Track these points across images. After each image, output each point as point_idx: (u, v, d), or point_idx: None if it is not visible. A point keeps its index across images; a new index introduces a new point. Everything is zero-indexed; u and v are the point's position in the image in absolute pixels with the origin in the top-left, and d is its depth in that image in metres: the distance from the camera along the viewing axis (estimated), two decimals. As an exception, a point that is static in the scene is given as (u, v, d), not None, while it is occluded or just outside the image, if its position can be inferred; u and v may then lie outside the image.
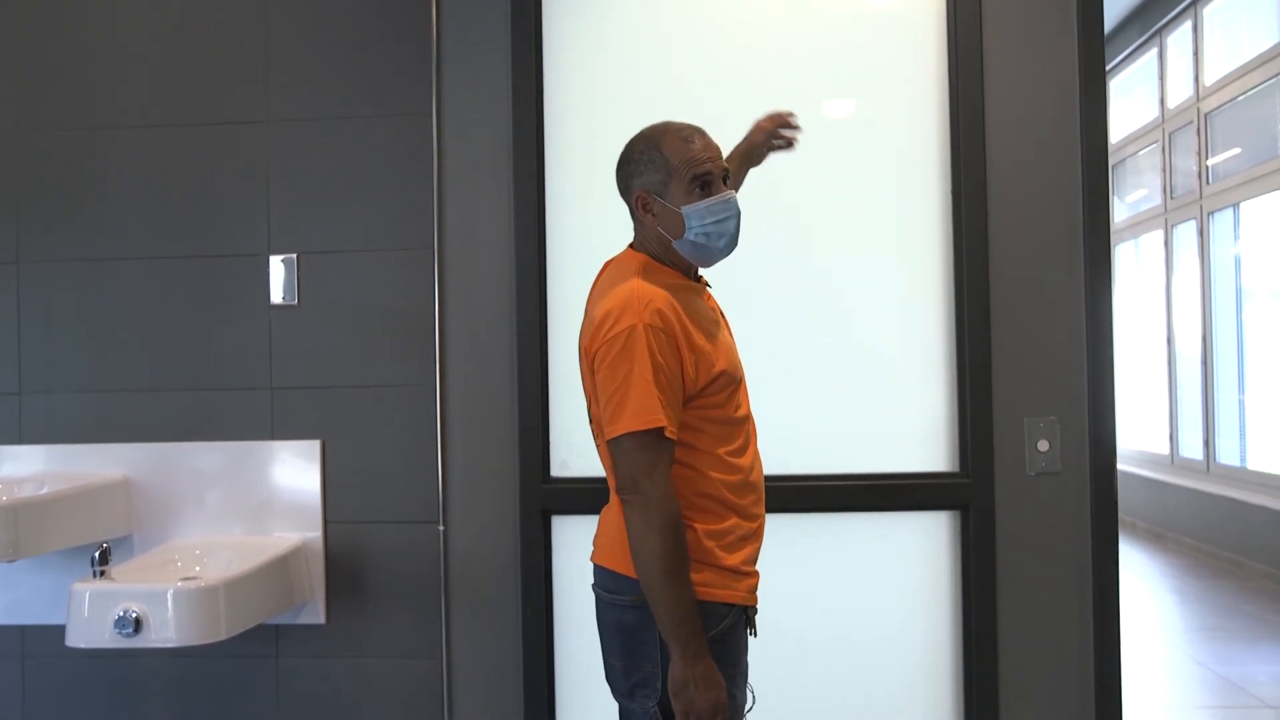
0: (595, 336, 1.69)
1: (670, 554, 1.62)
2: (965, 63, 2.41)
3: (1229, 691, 4.08)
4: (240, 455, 2.53)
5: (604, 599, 1.79)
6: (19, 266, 2.61)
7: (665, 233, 1.76)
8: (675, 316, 1.68)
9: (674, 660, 1.63)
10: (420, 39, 2.52)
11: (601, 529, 1.85)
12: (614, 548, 1.77)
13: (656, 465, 1.64)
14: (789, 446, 2.45)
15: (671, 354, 1.66)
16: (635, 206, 1.79)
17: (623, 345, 1.64)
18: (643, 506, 1.63)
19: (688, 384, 1.69)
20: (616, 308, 1.68)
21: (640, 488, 1.63)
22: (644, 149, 1.77)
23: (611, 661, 1.79)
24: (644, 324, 1.64)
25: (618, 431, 1.64)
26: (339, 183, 2.53)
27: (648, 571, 1.63)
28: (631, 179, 1.78)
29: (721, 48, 2.51)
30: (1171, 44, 7.35)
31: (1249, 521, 6.08)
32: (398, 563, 2.51)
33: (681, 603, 1.63)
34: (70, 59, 2.61)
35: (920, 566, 2.46)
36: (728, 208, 1.76)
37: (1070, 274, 2.40)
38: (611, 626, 1.78)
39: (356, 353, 2.53)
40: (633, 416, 1.63)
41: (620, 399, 1.64)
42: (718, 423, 1.75)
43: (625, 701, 1.77)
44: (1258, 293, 6.54)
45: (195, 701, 2.56)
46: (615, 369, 1.65)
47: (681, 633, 1.62)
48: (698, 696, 1.62)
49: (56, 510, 2.36)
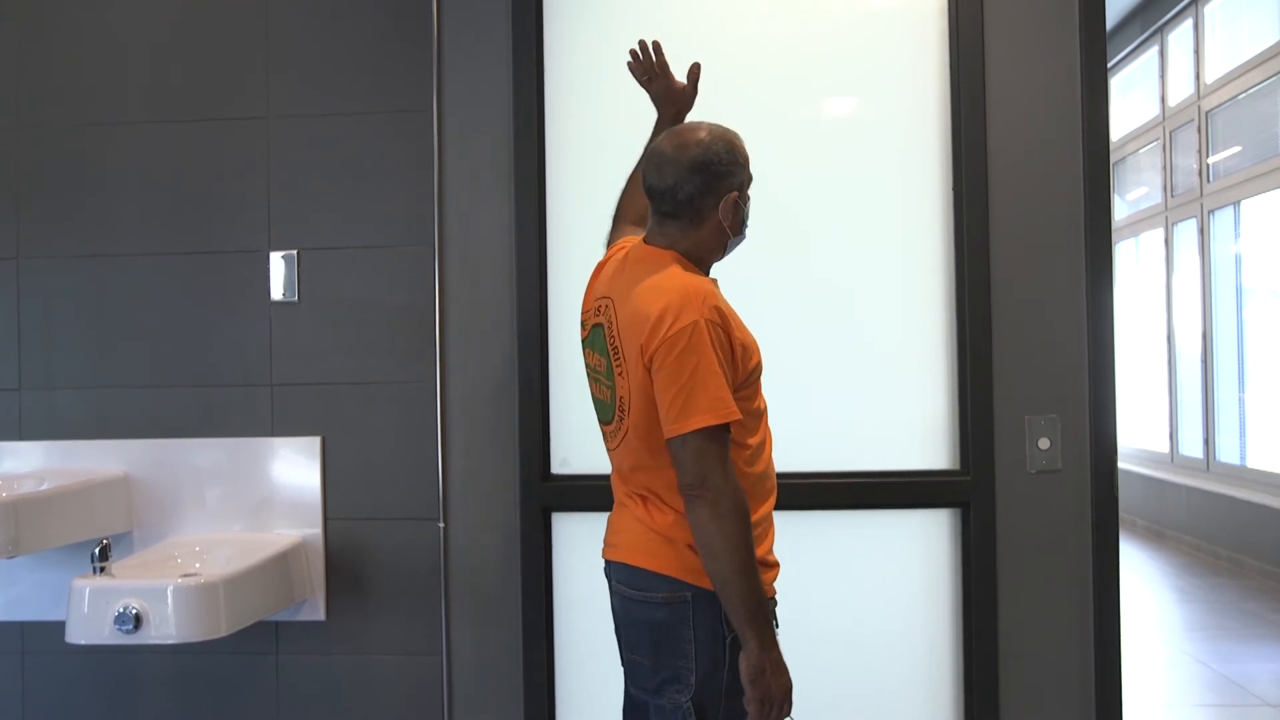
0: (655, 333, 1.67)
1: (744, 546, 1.65)
2: (967, 60, 2.40)
3: (1229, 689, 4.09)
4: (240, 452, 2.53)
5: (633, 598, 1.78)
6: (19, 263, 2.61)
7: (730, 229, 1.81)
8: (727, 309, 1.72)
9: (749, 648, 1.65)
10: (421, 35, 2.52)
11: (623, 527, 1.83)
12: (644, 546, 1.77)
13: (724, 458, 1.66)
14: (790, 443, 2.43)
15: (727, 348, 1.69)
16: (723, 207, 1.78)
17: (688, 341, 1.64)
18: (715, 501, 1.64)
19: (736, 377, 1.72)
20: (675, 303, 1.67)
21: (710, 482, 1.64)
22: (729, 152, 1.79)
23: (637, 659, 1.80)
24: (705, 320, 1.65)
25: (691, 427, 1.64)
26: (339, 179, 2.53)
27: (724, 565, 1.64)
28: (721, 181, 1.78)
29: (723, 45, 2.50)
30: (1172, 42, 7.34)
31: (1249, 520, 6.08)
32: (398, 560, 2.51)
33: (755, 592, 1.65)
34: (71, 55, 2.61)
35: (921, 564, 2.45)
36: None
37: (1071, 272, 2.40)
38: (642, 624, 1.77)
39: (357, 349, 2.52)
40: (708, 411, 1.63)
41: (689, 394, 1.64)
42: (750, 414, 1.77)
43: (651, 698, 1.78)
44: (1258, 291, 6.54)
45: (195, 698, 2.56)
46: (681, 365, 1.64)
47: (757, 622, 1.65)
48: (773, 682, 1.65)
49: (57, 507, 2.36)
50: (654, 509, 1.76)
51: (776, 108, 2.49)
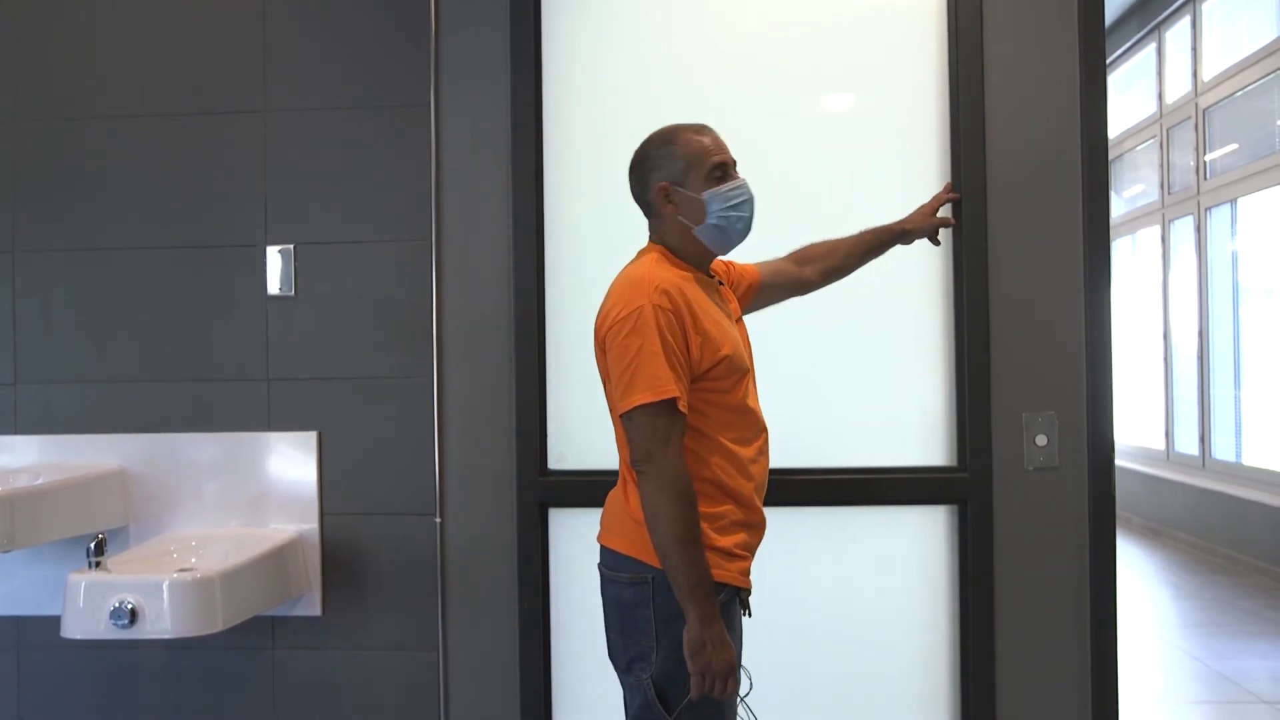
0: (605, 319, 1.78)
1: (684, 519, 1.69)
2: (965, 57, 2.40)
3: (1224, 686, 4.09)
4: (237, 447, 2.53)
5: (606, 577, 1.86)
6: (14, 256, 2.60)
7: (686, 220, 1.85)
8: (682, 299, 1.76)
9: (690, 623, 1.69)
10: (419, 30, 2.51)
11: (607, 511, 1.92)
12: (616, 528, 1.85)
13: (669, 436, 1.71)
14: (787, 439, 2.44)
15: (678, 333, 1.74)
16: (656, 199, 1.87)
17: (633, 325, 1.72)
18: (656, 476, 1.70)
19: (693, 364, 1.76)
20: (626, 291, 1.77)
21: (653, 458, 1.70)
22: (659, 146, 1.89)
23: (612, 637, 1.87)
24: (652, 304, 1.72)
25: (631, 404, 1.71)
26: (336, 174, 2.52)
27: (663, 537, 1.70)
28: (649, 175, 1.88)
29: (721, 40, 2.50)
30: (1170, 39, 7.34)
31: (1244, 517, 6.09)
32: (394, 555, 2.50)
33: (696, 567, 1.69)
34: (67, 48, 2.60)
35: (918, 561, 2.45)
36: (743, 193, 1.88)
37: (1069, 269, 2.39)
38: (611, 603, 1.85)
39: (354, 344, 2.52)
40: (645, 389, 1.70)
41: (632, 374, 1.71)
42: (723, 409, 1.82)
43: (624, 676, 1.85)
44: (1255, 289, 6.54)
45: (191, 693, 2.56)
46: (626, 347, 1.72)
47: (697, 595, 1.68)
48: (713, 656, 1.69)
49: (52, 501, 2.35)
50: (629, 490, 1.82)
51: (775, 104, 2.48)
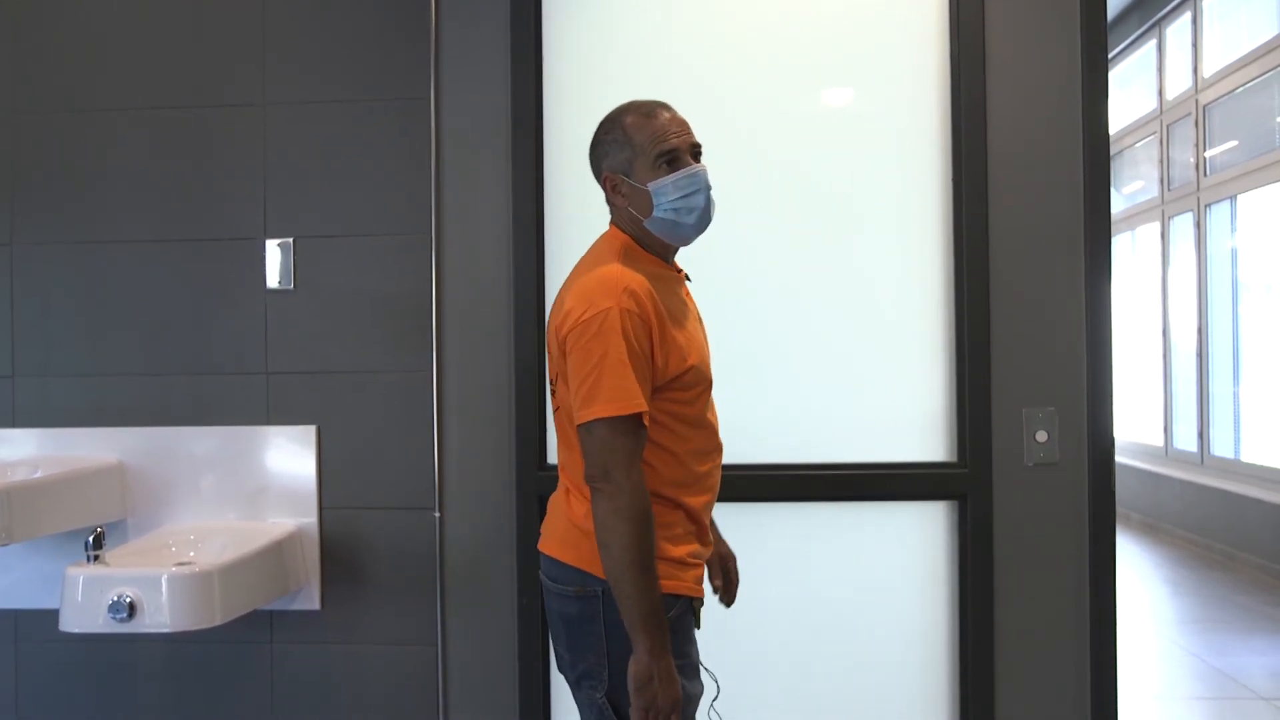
0: (568, 319, 1.65)
1: (640, 545, 1.58)
2: (967, 53, 2.39)
3: (1221, 682, 4.10)
4: (235, 440, 2.52)
5: (551, 589, 1.76)
6: (13, 249, 2.59)
7: (635, 212, 1.74)
8: (650, 303, 1.64)
9: (638, 654, 1.59)
10: (419, 23, 2.50)
11: (550, 517, 1.81)
12: (563, 538, 1.74)
13: (630, 454, 1.60)
14: (786, 435, 2.45)
15: (645, 340, 1.63)
16: (606, 190, 1.78)
17: (598, 328, 1.60)
18: (614, 495, 1.59)
19: (656, 373, 1.65)
20: (591, 290, 1.65)
21: (612, 477, 1.59)
22: (608, 129, 1.77)
23: (559, 650, 1.78)
24: (620, 307, 1.60)
25: (593, 416, 1.60)
26: (336, 167, 2.52)
27: (616, 562, 1.59)
28: (600, 162, 1.78)
29: (722, 33, 2.49)
30: (1171, 35, 7.34)
31: (1242, 514, 6.10)
32: (393, 549, 2.50)
33: (649, 595, 1.59)
34: (66, 41, 2.59)
35: (917, 556, 2.45)
36: (694, 182, 1.72)
37: (1070, 264, 2.39)
38: (556, 616, 1.75)
39: (353, 338, 2.51)
40: (610, 401, 1.59)
41: (595, 382, 1.59)
42: (683, 421, 1.71)
43: (574, 690, 1.76)
44: (1254, 286, 6.54)
45: (189, 687, 2.55)
46: (589, 352, 1.60)
47: (649, 626, 1.58)
48: (660, 692, 1.59)
49: (50, 494, 2.35)
50: (574, 499, 1.73)
51: (776, 99, 2.48)
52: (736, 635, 2.45)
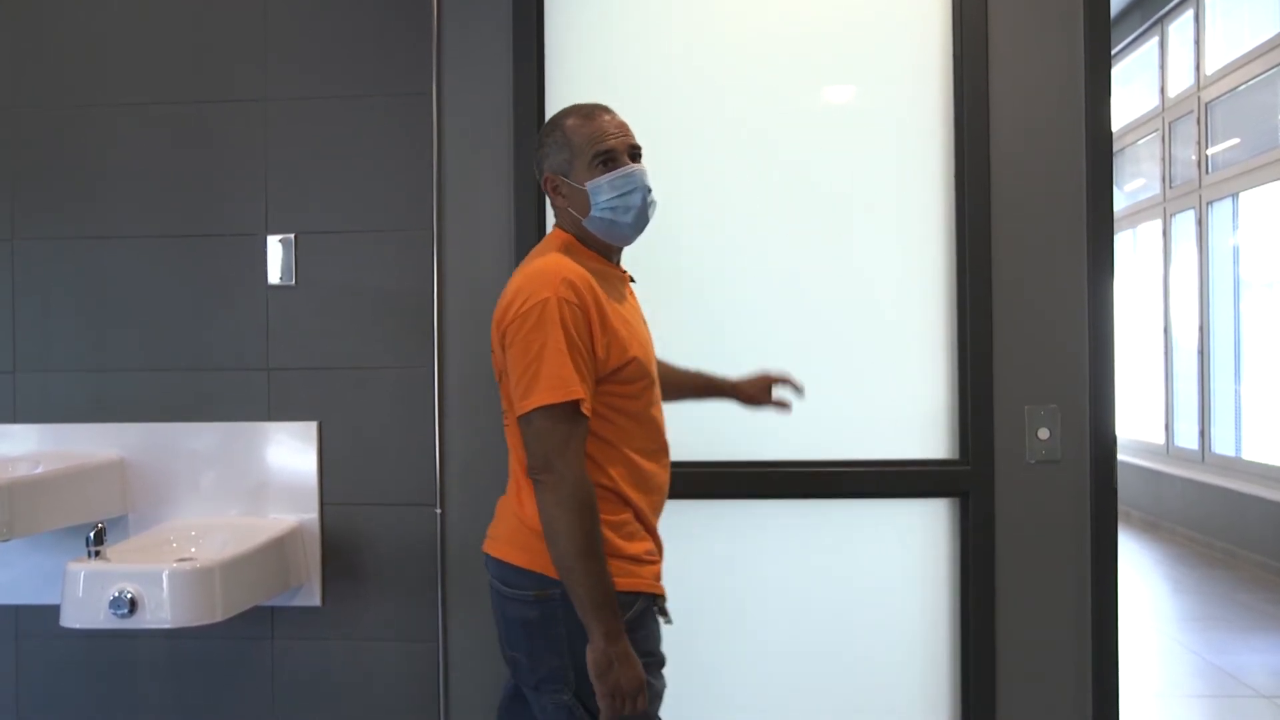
0: (507, 311, 1.66)
1: (587, 533, 1.59)
2: (970, 49, 2.39)
3: (1222, 680, 4.10)
4: (236, 436, 2.52)
5: (504, 594, 1.74)
6: (14, 244, 2.59)
7: (575, 212, 1.76)
8: (590, 293, 1.65)
9: (594, 641, 1.60)
10: (421, 18, 2.49)
11: (499, 520, 1.81)
12: (514, 539, 1.73)
13: (570, 442, 1.60)
14: (788, 431, 2.44)
15: (584, 330, 1.64)
16: (546, 190, 1.80)
17: (537, 319, 1.61)
18: (556, 486, 1.60)
19: (598, 364, 1.66)
20: (530, 282, 1.66)
21: (553, 466, 1.60)
22: (549, 132, 1.80)
23: (515, 656, 1.76)
24: (558, 297, 1.62)
25: (531, 405, 1.60)
26: (337, 163, 2.51)
27: (563, 553, 1.59)
28: (542, 163, 1.80)
29: (725, 32, 2.49)
30: (1173, 33, 7.33)
31: (1243, 511, 6.10)
32: (394, 546, 2.50)
33: (600, 583, 1.60)
34: (67, 37, 2.58)
35: (919, 553, 2.45)
36: (630, 182, 1.74)
37: (1073, 261, 2.39)
38: (514, 622, 1.73)
39: (354, 334, 2.51)
40: (547, 389, 1.59)
41: (534, 372, 1.60)
42: (628, 416, 1.72)
43: (533, 695, 1.75)
44: (1255, 283, 6.54)
45: (190, 683, 2.55)
46: (529, 343, 1.62)
47: (602, 613, 1.59)
48: (621, 675, 1.60)
49: (51, 490, 2.35)
50: (524, 497, 1.72)
51: (778, 97, 2.47)
52: (737, 633, 2.45)
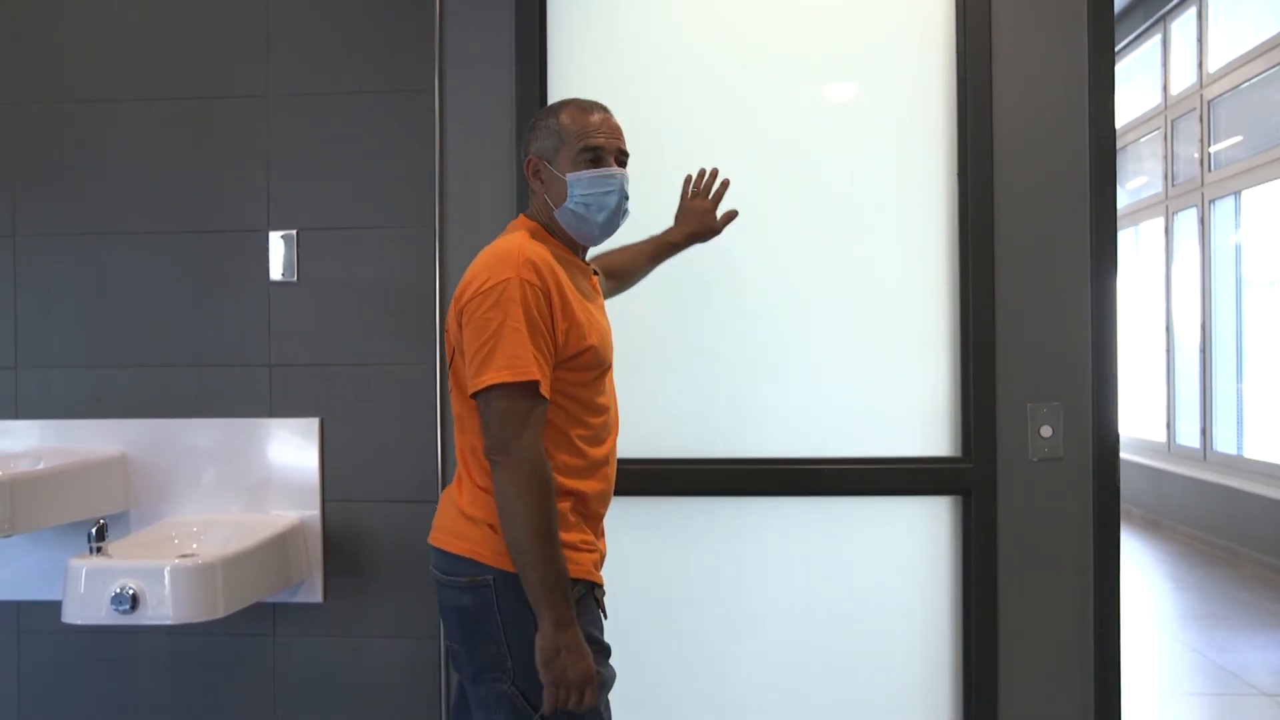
0: (467, 289, 1.66)
1: (542, 513, 1.58)
2: (973, 46, 2.38)
3: (1223, 678, 4.10)
4: (238, 432, 2.52)
5: (442, 581, 1.74)
6: (16, 240, 2.59)
7: (550, 200, 1.77)
8: (552, 276, 1.66)
9: (543, 628, 1.58)
10: (423, 14, 2.49)
11: (440, 509, 1.80)
12: (450, 527, 1.73)
13: (528, 423, 1.59)
14: (788, 428, 2.44)
15: (545, 312, 1.63)
16: (527, 172, 1.80)
17: (497, 298, 1.61)
18: (513, 467, 1.58)
19: (557, 348, 1.65)
20: (492, 261, 1.66)
21: (510, 447, 1.59)
22: (544, 116, 1.81)
23: (454, 647, 1.75)
24: (520, 278, 1.61)
25: (485, 383, 1.59)
26: (340, 159, 2.51)
27: (517, 534, 1.58)
28: (528, 145, 1.81)
29: (728, 28, 2.48)
30: (1175, 30, 7.32)
31: (1245, 509, 6.10)
32: (396, 542, 2.50)
33: (553, 567, 1.58)
34: (69, 32, 2.58)
35: (921, 551, 2.45)
36: (610, 183, 1.76)
37: (1076, 259, 2.38)
38: (450, 610, 1.72)
39: (356, 330, 2.51)
40: (504, 367, 1.58)
41: (490, 350, 1.59)
42: (577, 401, 1.71)
43: (471, 686, 1.73)
44: (1257, 281, 6.54)
45: (191, 679, 2.55)
46: (486, 321, 1.61)
47: (552, 598, 1.57)
48: (569, 665, 1.58)
49: (53, 486, 2.35)
50: (463, 483, 1.73)
51: (780, 92, 2.47)
52: (738, 631, 2.45)
